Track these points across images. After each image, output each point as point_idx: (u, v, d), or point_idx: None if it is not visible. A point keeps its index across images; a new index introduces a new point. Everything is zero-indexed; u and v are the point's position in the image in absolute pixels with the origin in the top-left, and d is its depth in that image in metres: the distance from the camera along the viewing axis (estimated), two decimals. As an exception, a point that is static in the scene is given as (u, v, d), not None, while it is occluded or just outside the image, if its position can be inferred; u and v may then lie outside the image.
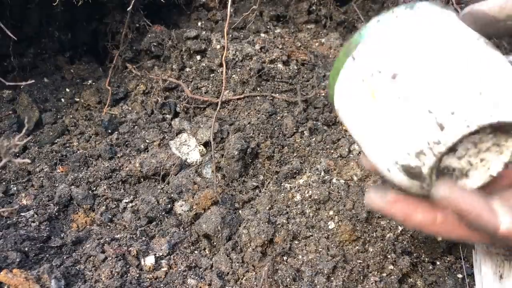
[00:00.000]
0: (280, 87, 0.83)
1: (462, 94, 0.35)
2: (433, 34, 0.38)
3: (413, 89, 0.36)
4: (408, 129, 0.36)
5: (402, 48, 0.38)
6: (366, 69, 0.39)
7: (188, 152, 0.75)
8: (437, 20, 0.40)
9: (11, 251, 0.56)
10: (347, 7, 1.01)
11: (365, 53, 0.40)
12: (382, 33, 0.40)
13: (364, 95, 0.39)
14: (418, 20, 0.39)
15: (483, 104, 0.34)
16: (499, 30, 0.42)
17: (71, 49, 0.94)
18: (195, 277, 0.58)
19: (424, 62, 0.37)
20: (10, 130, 0.76)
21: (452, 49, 0.37)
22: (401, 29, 0.39)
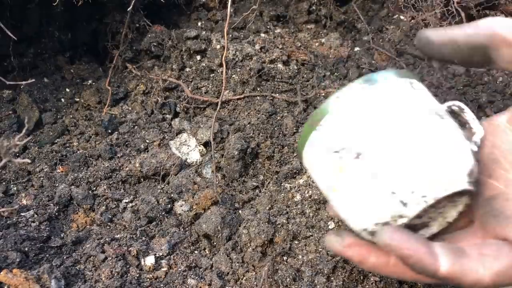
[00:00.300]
0: (280, 87, 0.83)
1: (418, 174, 0.39)
2: (388, 112, 0.41)
3: (376, 170, 0.40)
4: (375, 204, 0.40)
5: (361, 126, 0.41)
6: (330, 145, 0.42)
7: (188, 152, 0.75)
8: (392, 96, 0.42)
9: (11, 251, 0.56)
10: (347, 7, 1.01)
11: (328, 129, 0.43)
12: (341, 110, 0.42)
13: (331, 168, 0.43)
14: (373, 96, 0.42)
15: (438, 181, 0.39)
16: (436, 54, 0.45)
17: (71, 49, 0.94)
18: (195, 277, 0.58)
19: (382, 141, 0.40)
20: (10, 130, 0.76)
21: (407, 128, 0.40)
22: (358, 106, 0.42)
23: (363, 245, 0.43)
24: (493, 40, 0.41)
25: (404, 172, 0.39)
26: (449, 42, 0.43)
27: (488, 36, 0.41)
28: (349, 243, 0.44)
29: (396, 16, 0.99)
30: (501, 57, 0.41)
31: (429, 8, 0.78)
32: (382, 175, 0.40)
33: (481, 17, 0.83)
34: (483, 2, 0.82)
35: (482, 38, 0.41)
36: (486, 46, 0.41)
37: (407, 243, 0.38)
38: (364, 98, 0.42)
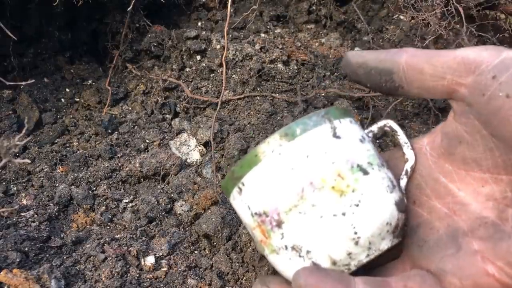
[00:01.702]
0: (280, 87, 0.83)
1: (339, 246, 0.39)
2: (304, 175, 0.40)
3: (296, 242, 0.40)
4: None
5: (280, 192, 0.40)
6: (252, 208, 0.42)
7: (188, 152, 0.75)
8: (309, 153, 0.40)
9: (11, 251, 0.56)
10: (347, 7, 1.01)
11: (248, 191, 0.42)
12: (258, 174, 0.41)
13: (254, 229, 0.43)
14: (290, 156, 0.40)
15: (360, 248, 0.40)
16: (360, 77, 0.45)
17: (71, 49, 0.93)
18: (195, 277, 0.58)
19: (300, 210, 0.39)
20: (10, 130, 0.76)
21: (324, 194, 0.39)
22: (274, 169, 0.40)
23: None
24: (401, 66, 0.41)
25: (325, 245, 0.39)
26: (362, 65, 0.43)
27: (396, 63, 0.41)
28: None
29: (396, 16, 0.99)
30: (410, 84, 0.41)
31: (429, 8, 0.78)
32: (303, 248, 0.40)
33: (481, 17, 0.83)
34: (483, 2, 0.82)
35: (390, 64, 0.41)
36: (393, 72, 0.41)
37: (323, 285, 0.37)
38: (281, 159, 0.40)
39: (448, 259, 0.40)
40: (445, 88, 0.39)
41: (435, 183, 0.44)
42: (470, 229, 0.40)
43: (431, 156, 0.44)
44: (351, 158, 0.40)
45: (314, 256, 0.40)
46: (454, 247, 0.40)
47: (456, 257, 0.40)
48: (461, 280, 0.38)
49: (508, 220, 0.38)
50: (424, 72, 0.40)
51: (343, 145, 0.41)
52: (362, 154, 0.41)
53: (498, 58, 0.37)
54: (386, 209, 0.40)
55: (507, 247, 0.37)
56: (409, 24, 0.94)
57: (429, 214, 0.44)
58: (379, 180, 0.41)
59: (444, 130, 0.42)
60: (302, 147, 0.40)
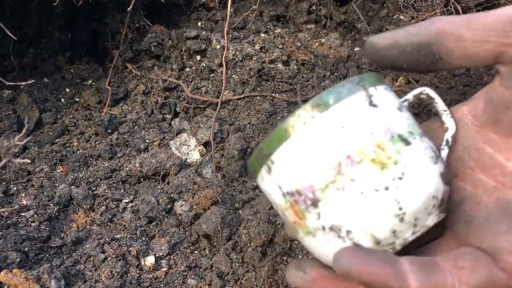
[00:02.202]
0: (280, 87, 0.83)
1: (381, 224, 0.36)
2: (341, 150, 0.36)
3: (335, 221, 0.36)
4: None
5: (314, 168, 0.37)
6: (284, 188, 0.38)
7: (188, 152, 0.75)
8: (345, 126, 0.37)
9: (11, 251, 0.56)
10: (347, 7, 1.01)
11: (279, 170, 0.38)
12: (290, 149, 0.38)
13: (287, 209, 0.39)
14: (324, 129, 0.37)
15: (404, 225, 0.36)
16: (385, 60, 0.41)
17: (71, 49, 0.93)
18: (195, 277, 0.58)
19: (338, 188, 0.36)
20: (10, 130, 0.76)
21: (364, 168, 0.36)
22: (307, 143, 0.37)
23: (330, 278, 0.39)
24: (437, 35, 0.37)
25: (367, 223, 0.36)
26: (393, 45, 0.39)
27: (430, 32, 0.38)
28: (313, 278, 0.40)
29: (396, 16, 0.99)
30: (450, 54, 0.38)
31: (429, 8, 0.78)
32: (343, 228, 0.36)
33: (481, 17, 0.83)
34: (483, 2, 0.82)
35: (425, 36, 0.38)
36: (430, 44, 0.38)
37: (368, 266, 0.34)
38: (314, 132, 0.37)
39: (502, 236, 0.36)
40: (490, 52, 0.36)
41: (479, 154, 0.40)
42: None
43: (473, 125, 0.40)
44: (390, 128, 0.37)
45: (356, 236, 0.36)
46: (507, 223, 0.37)
47: (510, 234, 0.36)
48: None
49: None
50: (465, 39, 0.36)
51: (381, 114, 0.37)
52: (402, 123, 0.38)
53: None
54: (432, 181, 0.37)
55: None
56: (409, 24, 0.94)
57: (474, 188, 0.40)
58: (422, 151, 0.37)
59: (489, 96, 0.39)
60: (336, 117, 0.37)
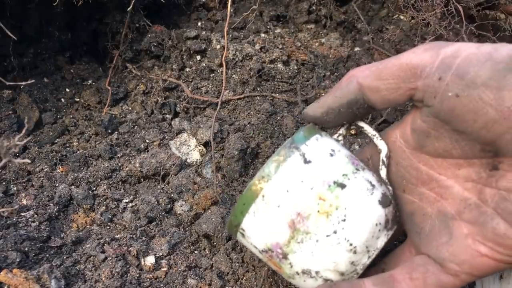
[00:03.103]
0: (280, 87, 0.83)
1: (339, 260, 0.43)
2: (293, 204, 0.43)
3: (304, 266, 0.44)
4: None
5: (276, 225, 0.44)
6: (258, 246, 0.46)
7: (188, 152, 0.75)
8: (286, 187, 0.43)
9: (11, 251, 0.56)
10: (347, 7, 1.01)
11: (249, 234, 0.46)
12: (251, 218, 0.45)
13: (267, 262, 0.47)
14: (271, 196, 0.44)
15: (359, 254, 0.43)
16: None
17: (71, 49, 0.93)
18: (195, 277, 0.58)
19: (295, 238, 0.43)
20: (10, 130, 0.76)
21: (315, 219, 0.42)
22: (262, 210, 0.44)
23: None
24: (360, 91, 0.43)
25: (328, 263, 0.42)
26: (327, 111, 0.45)
27: (354, 90, 0.43)
28: None
29: (396, 16, 0.99)
30: (374, 103, 0.43)
31: (429, 8, 0.78)
32: (311, 271, 0.43)
33: (481, 17, 0.83)
34: (483, 2, 0.82)
35: (350, 95, 0.43)
36: (357, 99, 0.43)
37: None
38: (266, 201, 0.43)
39: (443, 247, 0.43)
40: (403, 96, 0.41)
41: (417, 172, 0.45)
42: (457, 212, 0.43)
43: (406, 148, 0.46)
44: (326, 178, 0.43)
45: (323, 274, 0.43)
46: (447, 234, 0.43)
47: (450, 244, 0.42)
48: (459, 265, 0.41)
49: (487, 202, 0.40)
50: (380, 89, 0.41)
51: (315, 168, 0.43)
52: (335, 169, 0.44)
53: (438, 58, 0.38)
54: (372, 212, 0.43)
55: (492, 230, 0.39)
56: (409, 24, 0.94)
57: (420, 200, 0.46)
58: (357, 188, 0.43)
59: (412, 127, 0.44)
60: (280, 184, 0.43)
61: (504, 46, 0.36)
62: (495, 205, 0.39)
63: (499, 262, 0.39)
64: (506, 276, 0.50)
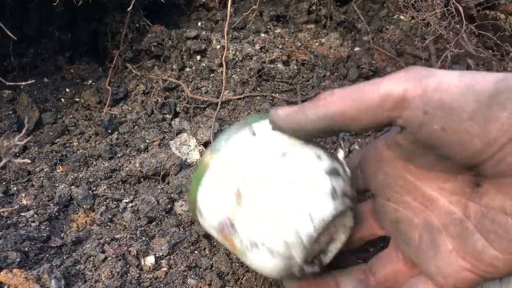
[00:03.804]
0: (280, 87, 0.83)
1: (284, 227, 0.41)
2: (237, 174, 0.43)
3: (252, 239, 0.42)
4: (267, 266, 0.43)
5: (223, 198, 0.44)
6: (211, 221, 0.46)
7: (188, 152, 0.75)
8: (236, 157, 0.44)
9: (11, 251, 0.56)
10: (347, 7, 1.01)
11: (203, 210, 0.46)
12: (204, 190, 0.45)
13: (223, 241, 0.47)
14: (221, 165, 0.44)
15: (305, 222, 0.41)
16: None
17: (71, 49, 0.94)
18: (195, 277, 0.58)
19: (246, 207, 0.42)
20: (10, 130, 0.76)
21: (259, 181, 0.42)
22: (214, 182, 0.44)
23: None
24: (336, 120, 0.41)
25: (274, 232, 0.41)
26: (298, 129, 0.43)
27: (329, 118, 0.41)
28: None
29: (396, 16, 0.99)
30: (352, 128, 0.42)
31: (429, 8, 0.78)
32: (258, 242, 0.42)
33: (481, 17, 0.83)
34: (483, 2, 0.82)
35: (325, 122, 0.41)
36: (332, 127, 0.41)
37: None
38: (217, 169, 0.43)
39: (430, 261, 0.44)
40: (384, 122, 0.39)
41: (403, 182, 0.46)
42: (443, 226, 0.44)
43: (395, 159, 0.46)
44: (273, 148, 0.43)
45: (269, 244, 0.41)
46: (433, 248, 0.44)
47: (437, 258, 0.43)
48: (445, 278, 0.43)
49: (470, 217, 0.41)
50: (359, 118, 0.40)
51: (263, 139, 0.44)
52: (283, 141, 0.44)
53: (421, 89, 0.37)
54: (316, 179, 0.42)
55: (472, 246, 0.40)
56: (409, 24, 0.94)
57: (405, 209, 0.46)
58: (304, 156, 0.43)
59: (399, 143, 0.43)
60: (227, 154, 0.44)
61: (484, 76, 0.36)
62: (476, 221, 0.40)
63: (479, 276, 0.41)
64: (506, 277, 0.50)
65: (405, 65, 0.89)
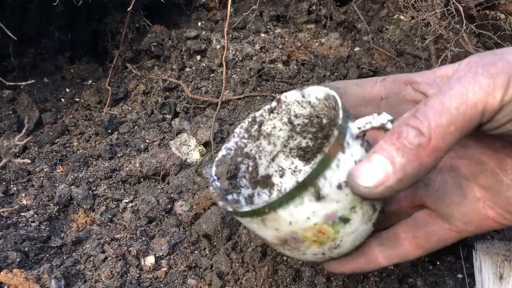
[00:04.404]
0: (280, 87, 0.83)
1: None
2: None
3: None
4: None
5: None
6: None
7: (188, 152, 0.75)
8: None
9: (11, 251, 0.56)
10: (347, 7, 1.01)
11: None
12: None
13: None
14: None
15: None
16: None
17: (71, 49, 0.94)
18: (195, 277, 0.58)
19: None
20: (10, 130, 0.76)
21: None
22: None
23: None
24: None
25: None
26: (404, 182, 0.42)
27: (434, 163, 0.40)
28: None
29: (396, 16, 0.99)
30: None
31: (429, 8, 0.78)
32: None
33: (481, 17, 0.83)
34: (483, 2, 0.82)
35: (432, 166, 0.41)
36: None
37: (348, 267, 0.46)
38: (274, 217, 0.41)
39: (455, 206, 0.44)
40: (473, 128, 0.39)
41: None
42: (471, 174, 0.43)
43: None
44: (332, 214, 0.39)
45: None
46: (460, 195, 0.44)
47: (462, 204, 0.43)
48: (466, 224, 0.43)
49: (507, 171, 0.41)
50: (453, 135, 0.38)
51: (325, 204, 0.39)
52: (344, 202, 0.39)
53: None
54: (365, 236, 0.43)
55: (506, 199, 0.41)
56: (409, 24, 0.94)
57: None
58: (359, 222, 0.41)
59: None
60: (284, 216, 0.40)
61: None
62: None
63: (502, 225, 0.42)
64: (506, 276, 0.50)
65: (405, 65, 0.89)
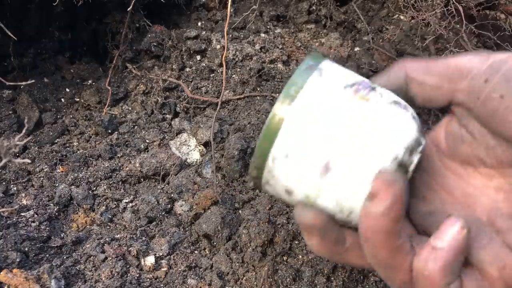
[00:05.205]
0: (280, 87, 0.83)
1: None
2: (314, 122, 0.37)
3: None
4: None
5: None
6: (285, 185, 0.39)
7: (188, 152, 0.75)
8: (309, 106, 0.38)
9: (11, 251, 0.56)
10: (347, 7, 1.01)
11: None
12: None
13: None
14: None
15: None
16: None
17: (71, 49, 0.94)
18: (195, 277, 0.58)
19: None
20: (10, 130, 0.76)
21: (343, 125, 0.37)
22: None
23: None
24: (403, 82, 0.43)
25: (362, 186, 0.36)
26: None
27: (402, 78, 0.43)
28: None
29: (396, 16, 0.99)
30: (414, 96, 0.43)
31: (429, 8, 0.78)
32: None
33: (481, 17, 0.83)
34: (483, 2, 0.82)
35: (395, 83, 0.43)
36: (402, 88, 0.43)
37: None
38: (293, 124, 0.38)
39: (481, 249, 0.40)
40: (444, 96, 0.41)
41: (443, 179, 0.44)
42: (488, 220, 0.42)
43: (436, 154, 0.45)
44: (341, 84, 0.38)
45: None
46: (485, 237, 0.41)
47: (491, 246, 0.40)
48: (500, 270, 0.39)
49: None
50: (425, 83, 0.42)
51: (328, 79, 0.39)
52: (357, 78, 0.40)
53: (487, 62, 0.39)
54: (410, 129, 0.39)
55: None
56: (409, 24, 0.94)
57: (442, 204, 0.44)
58: (387, 100, 0.39)
59: (448, 129, 0.44)
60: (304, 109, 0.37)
61: None
62: None
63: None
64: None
65: (405, 65, 0.89)
